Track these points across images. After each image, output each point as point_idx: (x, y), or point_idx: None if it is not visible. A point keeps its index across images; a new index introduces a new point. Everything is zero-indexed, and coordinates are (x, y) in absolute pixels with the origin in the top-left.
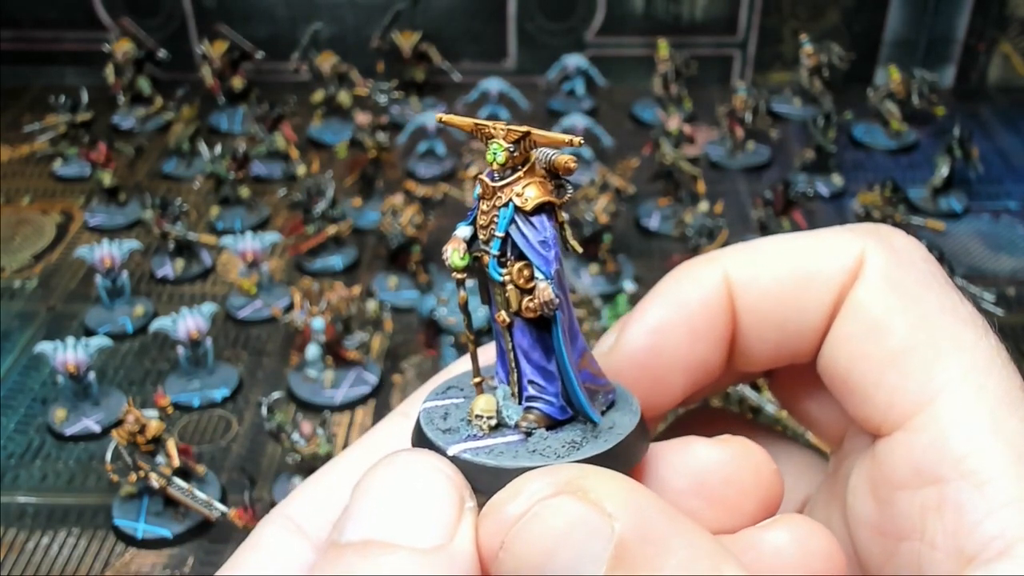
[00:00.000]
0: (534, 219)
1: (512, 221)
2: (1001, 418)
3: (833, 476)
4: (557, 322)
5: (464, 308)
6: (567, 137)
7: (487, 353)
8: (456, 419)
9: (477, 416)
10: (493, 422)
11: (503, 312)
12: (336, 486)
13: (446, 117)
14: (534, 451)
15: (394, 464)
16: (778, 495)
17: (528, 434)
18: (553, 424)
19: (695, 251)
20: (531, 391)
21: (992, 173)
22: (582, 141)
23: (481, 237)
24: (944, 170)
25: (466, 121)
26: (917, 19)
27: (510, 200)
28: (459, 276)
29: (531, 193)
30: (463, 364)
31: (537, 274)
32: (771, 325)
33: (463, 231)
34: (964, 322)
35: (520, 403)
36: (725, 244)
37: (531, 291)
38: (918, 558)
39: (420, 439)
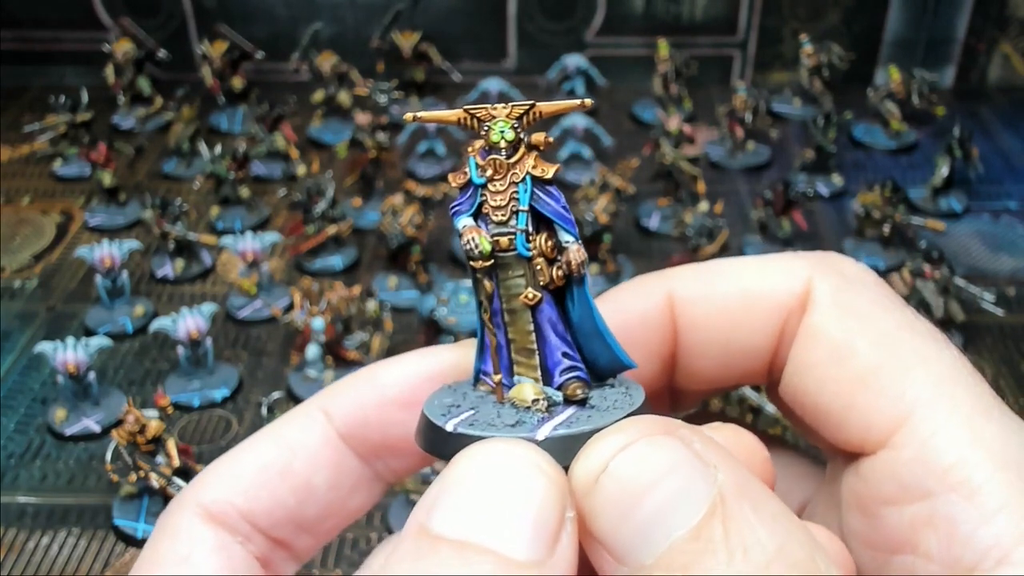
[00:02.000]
0: (551, 187)
1: (532, 193)
2: (978, 426)
3: (831, 483)
4: (585, 283)
5: (489, 298)
6: (577, 102)
7: (450, 352)
8: (511, 415)
9: (534, 401)
10: (547, 403)
11: (530, 289)
12: (242, 474)
13: (421, 114)
14: (608, 408)
15: (494, 455)
16: (770, 481)
17: (584, 401)
18: (591, 388)
19: (695, 251)
20: (566, 363)
21: (992, 173)
22: (591, 102)
23: (497, 218)
24: (944, 170)
25: (450, 113)
26: (917, 19)
27: (527, 174)
28: (484, 265)
29: (543, 164)
30: (397, 366)
31: (567, 237)
32: (715, 344)
33: (469, 221)
34: (923, 336)
35: (548, 383)
36: (725, 244)
37: (555, 260)
38: (913, 570)
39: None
